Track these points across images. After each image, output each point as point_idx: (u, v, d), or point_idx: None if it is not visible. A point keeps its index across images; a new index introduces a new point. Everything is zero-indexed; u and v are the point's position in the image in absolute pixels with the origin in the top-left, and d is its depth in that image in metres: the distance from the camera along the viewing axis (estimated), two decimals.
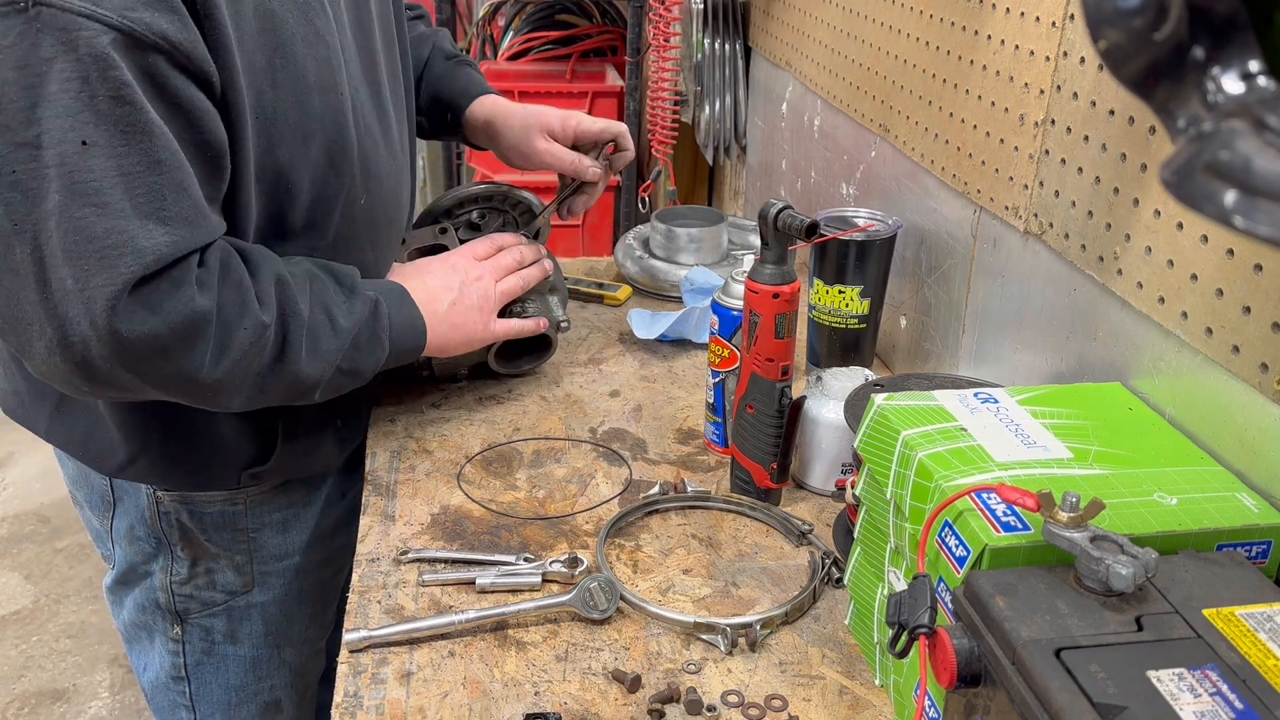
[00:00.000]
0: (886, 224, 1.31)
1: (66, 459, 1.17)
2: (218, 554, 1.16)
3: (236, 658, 1.22)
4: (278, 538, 1.19)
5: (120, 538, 1.16)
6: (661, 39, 2.08)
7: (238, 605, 1.19)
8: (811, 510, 1.11)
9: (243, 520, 1.16)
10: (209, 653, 1.21)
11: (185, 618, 1.19)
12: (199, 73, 0.84)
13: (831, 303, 1.30)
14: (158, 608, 1.18)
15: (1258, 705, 0.56)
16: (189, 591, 1.17)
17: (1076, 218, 1.00)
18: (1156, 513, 0.73)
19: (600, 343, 1.47)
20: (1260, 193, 0.45)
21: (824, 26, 1.62)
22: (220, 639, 1.20)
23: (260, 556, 1.19)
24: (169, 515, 1.13)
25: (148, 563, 1.16)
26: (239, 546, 1.17)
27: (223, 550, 1.16)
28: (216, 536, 1.15)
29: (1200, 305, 0.84)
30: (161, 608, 1.18)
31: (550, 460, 1.19)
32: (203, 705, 1.24)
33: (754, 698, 0.86)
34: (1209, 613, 0.63)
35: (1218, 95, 0.50)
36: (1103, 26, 0.53)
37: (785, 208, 1.02)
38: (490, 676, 0.88)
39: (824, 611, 0.97)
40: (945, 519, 0.74)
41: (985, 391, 0.89)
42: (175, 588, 1.17)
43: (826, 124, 1.66)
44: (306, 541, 1.22)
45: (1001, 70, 1.12)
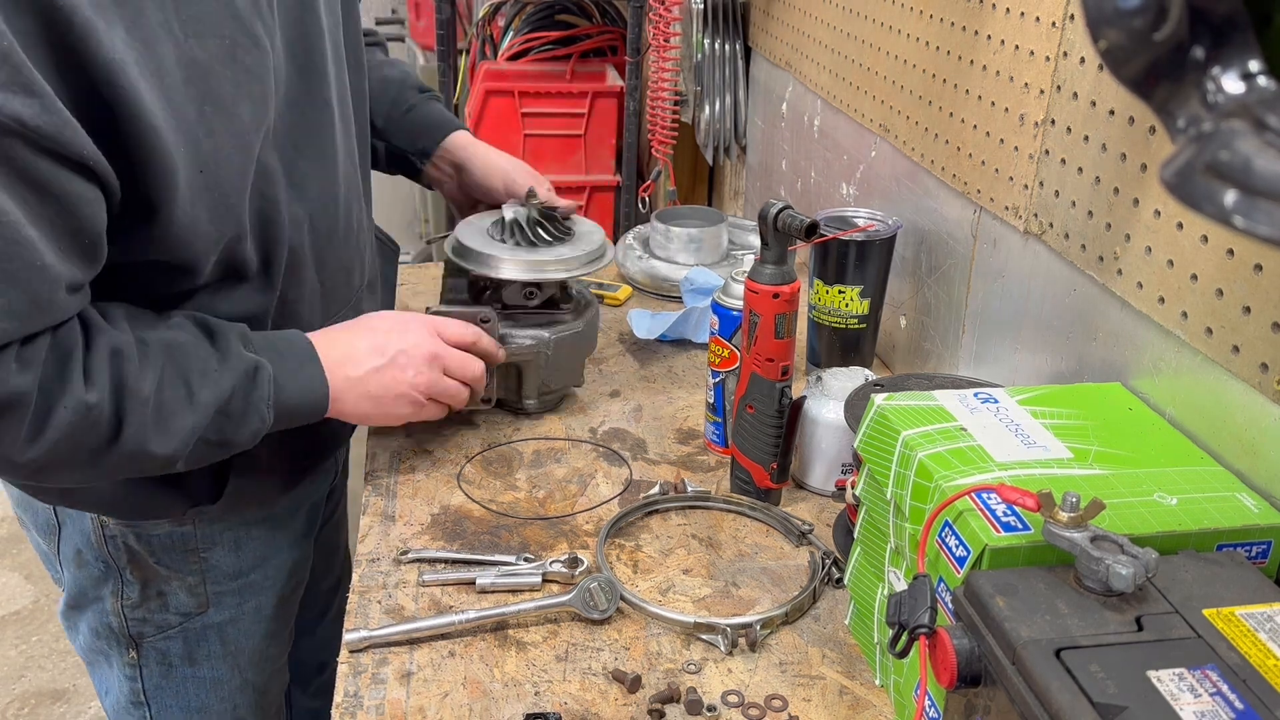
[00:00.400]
0: (886, 224, 1.31)
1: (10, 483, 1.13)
2: (169, 576, 1.12)
3: (196, 679, 1.18)
4: (230, 557, 1.15)
5: (68, 561, 1.13)
6: (661, 39, 2.08)
7: (193, 627, 1.16)
8: (811, 510, 1.11)
9: (193, 541, 1.12)
10: (167, 676, 1.17)
11: (140, 641, 1.15)
12: (71, 156, 0.78)
13: (831, 303, 1.30)
14: (111, 632, 1.15)
15: (1258, 705, 0.56)
16: (142, 615, 1.14)
17: (1076, 218, 1.00)
18: (1156, 513, 0.73)
19: (600, 343, 1.47)
20: (1260, 193, 0.45)
21: (824, 26, 1.62)
22: (178, 661, 1.17)
23: (213, 577, 1.14)
24: (115, 539, 1.09)
25: (98, 587, 1.12)
26: (190, 568, 1.13)
27: (174, 572, 1.12)
28: (166, 559, 1.11)
29: (1200, 305, 0.84)
30: (115, 632, 1.15)
31: (550, 460, 1.19)
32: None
33: (754, 698, 0.86)
34: (1209, 613, 0.63)
35: (1218, 95, 0.50)
36: (1103, 26, 0.53)
37: (785, 208, 1.02)
38: (490, 676, 0.88)
39: (824, 611, 0.97)
40: (945, 519, 0.74)
41: (985, 391, 0.89)
42: (128, 612, 1.13)
43: (826, 124, 1.66)
44: (261, 559, 1.18)
45: (1001, 70, 1.12)
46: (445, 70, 2.55)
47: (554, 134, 2.45)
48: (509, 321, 1.22)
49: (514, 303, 1.23)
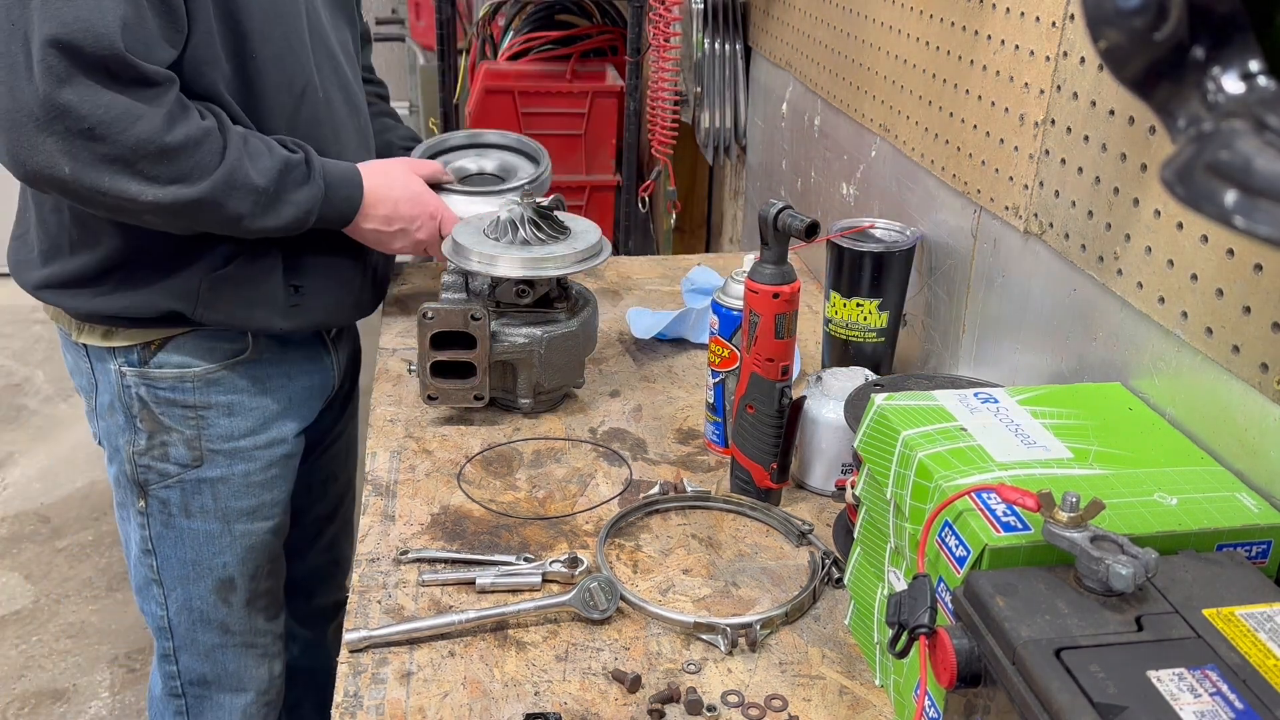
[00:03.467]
0: (905, 235, 1.28)
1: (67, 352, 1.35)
2: (170, 428, 1.30)
3: (190, 531, 1.35)
4: (224, 420, 1.32)
5: (103, 413, 1.33)
6: (661, 39, 2.07)
7: (189, 479, 1.33)
8: (811, 510, 1.11)
9: (191, 397, 1.30)
10: (167, 525, 1.34)
11: (146, 489, 1.33)
12: None
13: (849, 316, 1.26)
14: (126, 480, 1.34)
15: (1258, 705, 0.56)
16: (147, 463, 1.32)
17: (1076, 218, 1.00)
18: (1156, 513, 0.73)
19: (600, 342, 1.47)
20: (1260, 193, 0.45)
21: (824, 26, 1.62)
22: (176, 512, 1.34)
23: (208, 435, 1.32)
24: (130, 389, 1.29)
25: (119, 435, 1.32)
26: (188, 423, 1.31)
27: (174, 425, 1.30)
28: (169, 411, 1.30)
29: (1200, 305, 0.84)
30: (129, 479, 1.33)
31: (550, 460, 1.19)
32: (167, 578, 1.37)
33: (754, 698, 0.86)
34: (1209, 613, 0.63)
35: (1218, 95, 0.50)
36: (1103, 26, 0.53)
37: (785, 208, 1.02)
38: (490, 676, 0.88)
39: (824, 611, 0.97)
40: (945, 519, 0.74)
41: (985, 391, 0.89)
42: (137, 458, 1.32)
43: (826, 124, 1.66)
44: (253, 428, 1.34)
45: (1001, 70, 1.12)
46: (445, 70, 2.55)
47: (554, 134, 2.44)
48: (502, 320, 1.22)
49: (507, 300, 1.23)
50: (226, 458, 1.34)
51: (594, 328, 1.31)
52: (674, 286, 1.67)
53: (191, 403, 1.30)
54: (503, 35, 2.63)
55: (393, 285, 1.65)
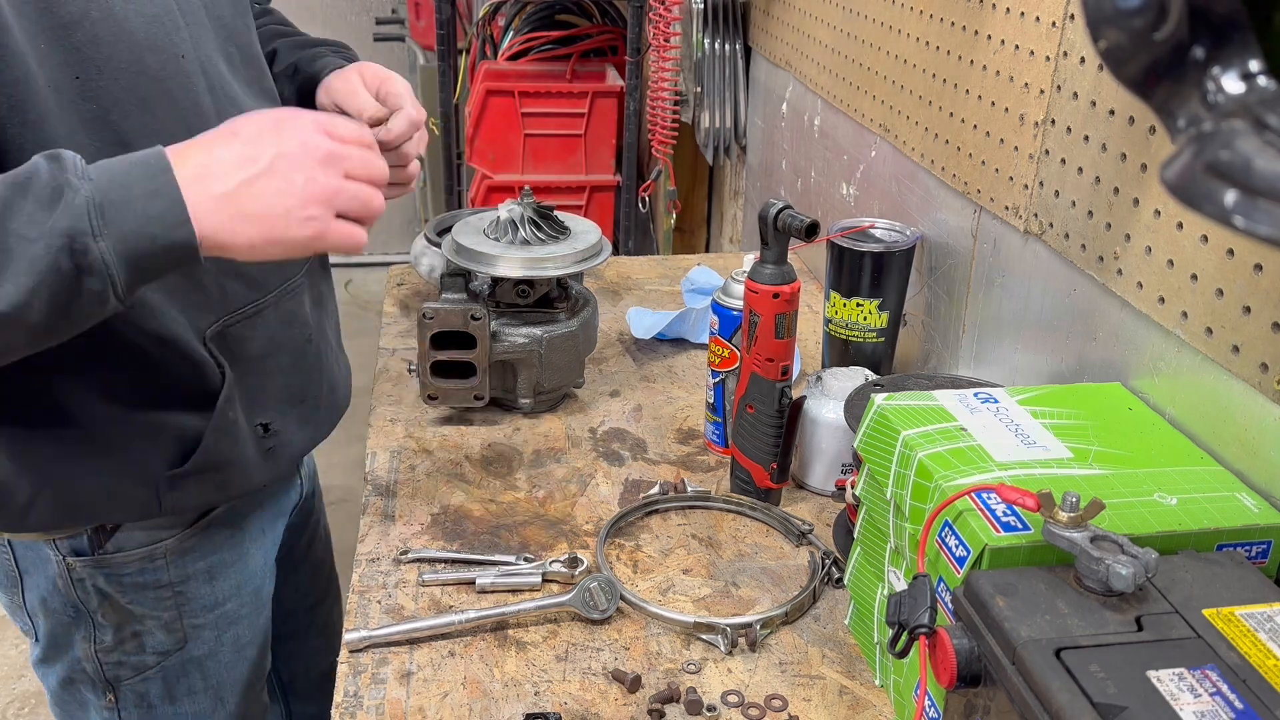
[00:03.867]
0: (905, 235, 1.28)
1: None
2: (143, 615, 1.06)
3: (177, 716, 1.13)
4: (205, 588, 1.09)
5: (36, 611, 1.06)
6: (661, 39, 2.08)
7: (172, 665, 1.10)
8: (811, 510, 1.11)
9: (165, 575, 1.05)
10: (147, 716, 1.12)
11: (117, 685, 1.09)
12: None
13: (849, 316, 1.26)
14: (86, 677, 1.09)
15: (1258, 705, 0.56)
16: (117, 659, 1.08)
17: (1076, 218, 1.00)
18: (1156, 513, 0.73)
19: (600, 342, 1.47)
20: (1260, 193, 0.45)
21: (824, 26, 1.62)
22: (158, 701, 1.11)
23: (190, 610, 1.08)
24: (83, 582, 1.03)
25: (68, 634, 1.06)
26: (165, 604, 1.07)
27: (148, 611, 1.06)
28: (139, 598, 1.05)
29: (1200, 305, 0.84)
30: (90, 677, 1.09)
31: (550, 460, 1.19)
32: None
33: (754, 698, 0.86)
34: (1209, 613, 0.63)
35: (1218, 95, 0.50)
36: (1103, 26, 0.53)
37: (785, 208, 1.02)
38: (490, 676, 0.88)
39: (824, 611, 0.97)
40: (945, 519, 0.74)
41: (985, 391, 0.89)
42: (102, 656, 1.07)
43: (826, 124, 1.66)
44: (239, 585, 1.13)
45: (1001, 70, 1.12)
46: (445, 70, 2.55)
47: (554, 134, 2.45)
48: (502, 320, 1.22)
49: (508, 300, 1.23)
50: (213, 629, 1.11)
51: (594, 328, 1.31)
52: (674, 286, 1.67)
53: (166, 580, 1.05)
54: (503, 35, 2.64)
55: (391, 285, 1.65)
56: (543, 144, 2.45)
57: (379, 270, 4.49)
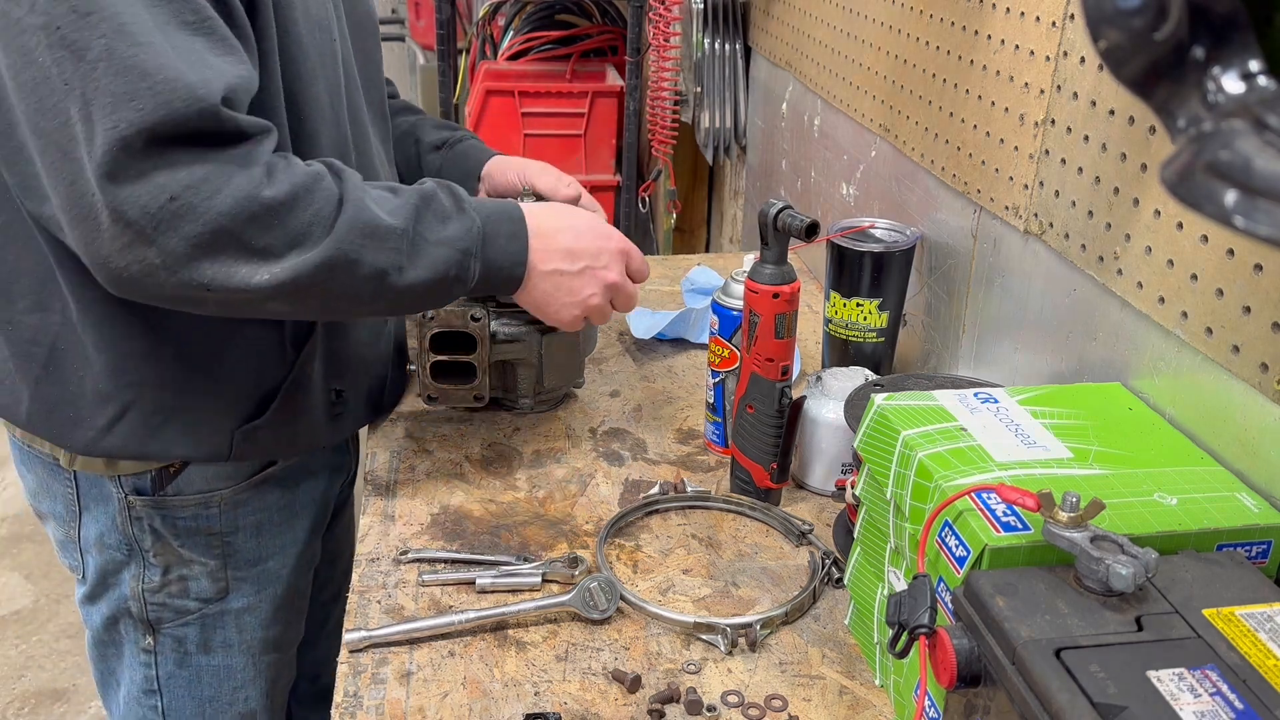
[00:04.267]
0: (905, 234, 1.28)
1: (28, 470, 1.15)
2: (191, 560, 1.13)
3: (210, 668, 1.18)
4: (252, 542, 1.15)
5: (90, 546, 1.12)
6: (661, 39, 2.08)
7: (211, 613, 1.16)
8: (811, 510, 1.11)
9: (216, 524, 1.12)
10: (182, 664, 1.17)
11: (158, 628, 1.15)
12: None
13: (849, 316, 1.26)
14: (130, 617, 1.15)
15: (1258, 705, 0.56)
16: (162, 600, 1.14)
17: (1076, 218, 1.00)
18: (1156, 513, 0.73)
19: (600, 342, 1.47)
20: (1260, 193, 0.45)
21: (824, 26, 1.62)
22: (194, 649, 1.17)
23: (235, 562, 1.15)
24: (141, 521, 1.09)
25: (118, 571, 1.13)
26: (213, 552, 1.13)
27: (196, 556, 1.13)
28: (190, 542, 1.12)
29: (1200, 305, 0.84)
30: (134, 617, 1.14)
31: (550, 460, 1.19)
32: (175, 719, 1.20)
33: (754, 698, 0.86)
34: (1209, 613, 0.63)
35: (1218, 95, 0.50)
36: (1103, 26, 0.53)
37: (785, 208, 1.02)
38: (490, 676, 0.88)
39: (824, 611, 0.97)
40: (945, 519, 0.74)
41: (985, 391, 0.89)
42: (148, 596, 1.13)
43: (826, 124, 1.66)
44: (282, 546, 1.19)
45: (1001, 70, 1.12)
46: (445, 70, 2.55)
47: (554, 134, 2.45)
48: (502, 320, 1.22)
49: (507, 300, 1.23)
50: (254, 584, 1.17)
51: (594, 328, 1.30)
52: (674, 286, 1.67)
53: (217, 529, 1.12)
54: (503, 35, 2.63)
55: None
56: (543, 144, 2.45)
57: None
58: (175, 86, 0.81)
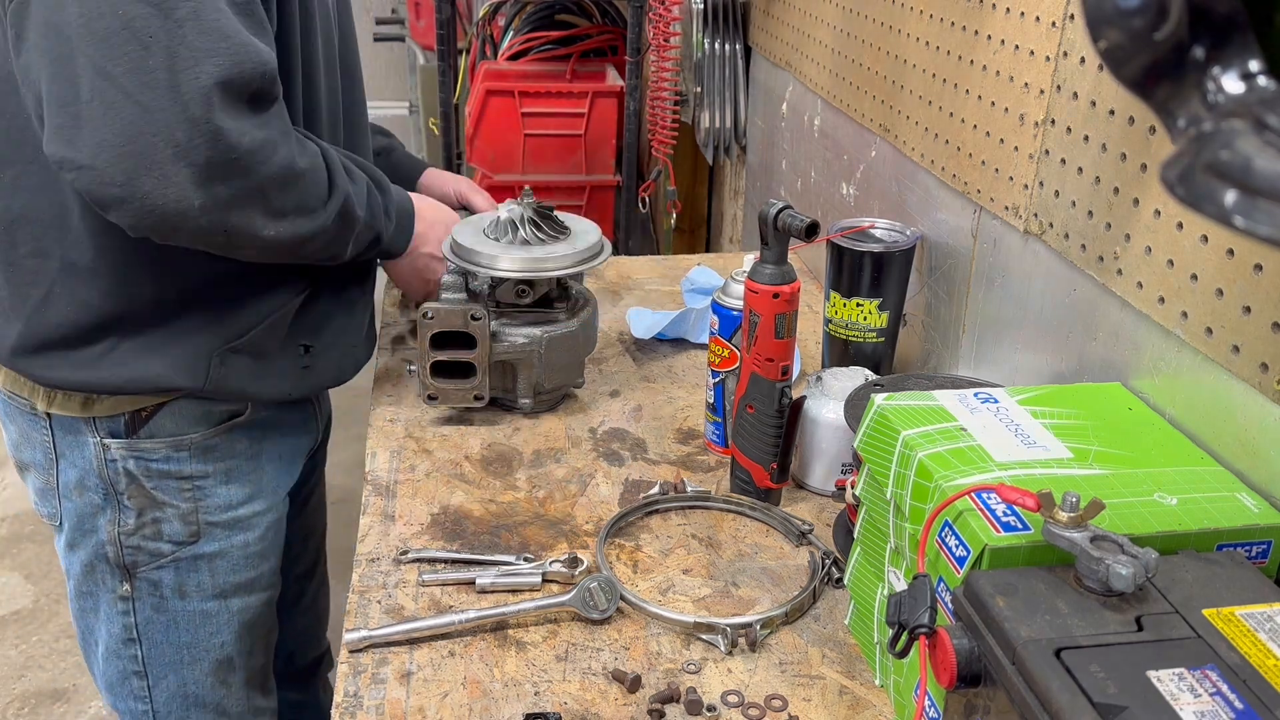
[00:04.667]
0: (905, 235, 1.28)
1: (10, 421, 1.21)
2: (164, 503, 1.18)
3: (185, 613, 1.23)
4: (222, 489, 1.21)
5: (69, 491, 1.18)
6: (661, 39, 2.08)
7: (184, 557, 1.20)
8: (811, 510, 1.11)
9: (188, 467, 1.17)
10: (159, 609, 1.22)
11: (134, 571, 1.20)
12: None
13: (849, 316, 1.26)
14: (107, 563, 1.20)
15: (1258, 705, 0.56)
16: (136, 543, 1.19)
17: (1076, 218, 1.00)
18: (1156, 513, 0.73)
19: (600, 342, 1.47)
20: (1260, 193, 0.45)
21: (824, 26, 1.62)
22: (169, 593, 1.22)
23: (205, 507, 1.20)
24: (115, 463, 1.15)
25: (95, 516, 1.18)
26: (184, 495, 1.18)
27: (169, 499, 1.18)
28: (162, 485, 1.17)
29: (1200, 305, 0.84)
30: (110, 563, 1.19)
31: (550, 460, 1.19)
32: (155, 668, 1.25)
33: (754, 698, 0.86)
34: (1209, 613, 0.63)
35: (1218, 95, 0.50)
36: (1103, 26, 0.53)
37: (785, 208, 1.02)
38: (490, 676, 0.88)
39: (824, 611, 0.97)
40: (945, 519, 0.74)
41: (985, 391, 0.89)
42: (123, 539, 1.18)
43: (826, 124, 1.66)
44: (250, 495, 1.23)
45: (1001, 70, 1.12)
46: (445, 70, 2.55)
47: (554, 134, 2.45)
48: (502, 320, 1.22)
49: (508, 300, 1.23)
50: (225, 529, 1.22)
51: (594, 328, 1.31)
52: (674, 286, 1.67)
53: (188, 473, 1.18)
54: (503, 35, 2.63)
55: (391, 285, 1.65)
56: (543, 144, 2.45)
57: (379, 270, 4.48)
58: (249, 50, 0.94)
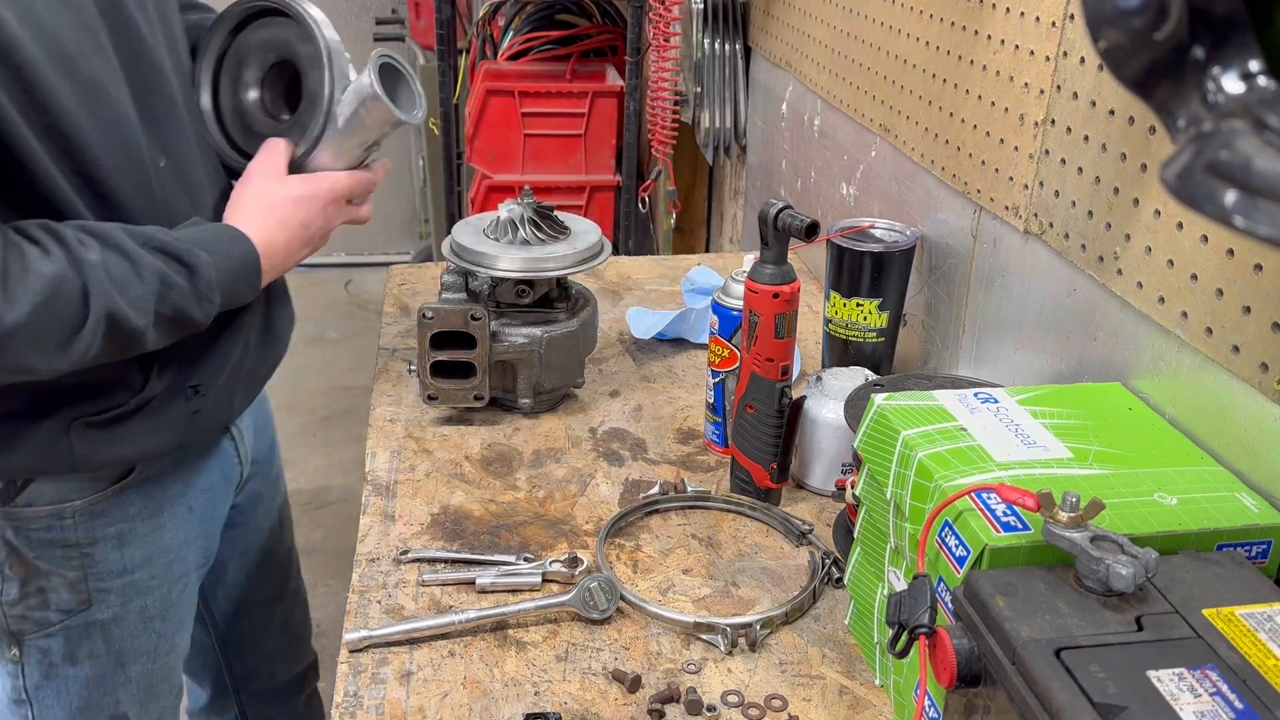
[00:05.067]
0: (905, 235, 1.28)
1: None
2: (49, 572, 1.08)
3: (77, 679, 1.14)
4: (115, 554, 1.10)
5: None
6: (661, 39, 2.08)
7: (75, 625, 1.11)
8: (811, 510, 1.11)
9: (73, 535, 1.07)
10: (48, 675, 1.13)
11: (20, 639, 1.11)
12: None
13: (849, 316, 1.26)
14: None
15: (1258, 705, 0.56)
16: (21, 612, 1.09)
17: (1076, 218, 1.00)
18: (1156, 513, 0.73)
19: (600, 342, 1.47)
20: (1260, 193, 0.45)
21: (824, 26, 1.62)
22: (59, 660, 1.13)
23: (96, 573, 1.10)
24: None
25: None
26: (71, 564, 1.08)
27: (54, 568, 1.08)
28: (46, 554, 1.07)
29: (1200, 305, 0.84)
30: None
31: (550, 460, 1.19)
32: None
33: (754, 698, 0.86)
34: (1209, 613, 0.63)
35: (1218, 95, 0.50)
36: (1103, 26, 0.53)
37: (785, 208, 1.02)
38: (490, 676, 0.88)
39: (824, 611, 0.97)
40: (945, 519, 0.74)
41: (985, 391, 0.89)
42: (7, 608, 1.09)
43: (826, 124, 1.66)
44: (149, 556, 1.13)
45: (1001, 70, 1.12)
46: (445, 70, 2.55)
47: (554, 134, 2.45)
48: (502, 320, 1.22)
49: (508, 300, 1.23)
50: (119, 595, 1.11)
51: (594, 328, 1.31)
52: (674, 286, 1.67)
53: (74, 540, 1.07)
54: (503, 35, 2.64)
55: (391, 285, 1.65)
56: (543, 144, 2.45)
57: (379, 270, 4.49)
58: None
